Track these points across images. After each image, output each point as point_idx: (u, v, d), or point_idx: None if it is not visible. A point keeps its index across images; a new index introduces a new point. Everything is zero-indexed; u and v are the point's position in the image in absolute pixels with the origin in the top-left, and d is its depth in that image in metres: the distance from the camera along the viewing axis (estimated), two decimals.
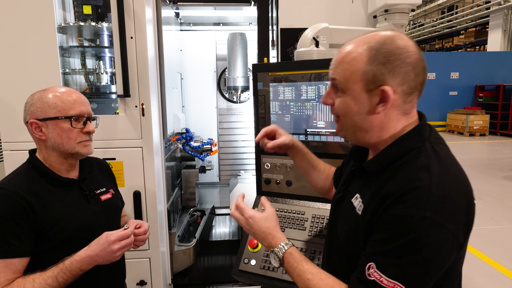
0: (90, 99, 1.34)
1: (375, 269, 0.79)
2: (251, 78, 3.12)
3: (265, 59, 2.23)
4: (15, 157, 1.97)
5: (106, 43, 2.31)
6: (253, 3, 2.70)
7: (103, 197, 1.38)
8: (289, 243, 1.01)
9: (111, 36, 2.16)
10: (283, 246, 0.99)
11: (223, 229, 3.03)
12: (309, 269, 0.93)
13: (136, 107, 2.03)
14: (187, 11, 3.16)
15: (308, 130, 1.85)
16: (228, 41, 3.14)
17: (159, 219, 2.18)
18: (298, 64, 1.89)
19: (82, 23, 2.15)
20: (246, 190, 2.76)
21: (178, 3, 2.77)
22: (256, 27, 2.28)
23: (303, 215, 1.73)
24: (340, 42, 2.04)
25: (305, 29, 2.03)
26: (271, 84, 1.91)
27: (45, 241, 1.18)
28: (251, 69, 2.54)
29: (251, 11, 2.95)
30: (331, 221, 1.10)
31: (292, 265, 0.96)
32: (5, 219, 1.12)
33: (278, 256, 0.99)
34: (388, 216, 0.80)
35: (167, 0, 2.57)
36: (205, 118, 3.55)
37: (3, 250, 1.12)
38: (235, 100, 3.47)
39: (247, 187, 2.82)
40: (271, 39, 2.30)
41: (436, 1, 17.06)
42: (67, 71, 2.24)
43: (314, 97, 1.81)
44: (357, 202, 0.93)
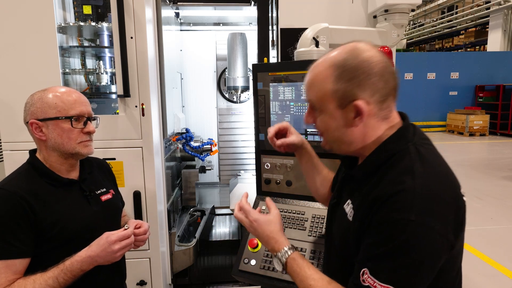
0: (90, 99, 1.34)
1: (369, 274, 0.79)
2: (251, 78, 3.12)
3: (265, 59, 2.23)
4: (15, 157, 1.97)
5: (106, 43, 2.31)
6: (253, 3, 2.70)
7: (104, 198, 1.38)
8: (293, 248, 1.00)
9: (111, 36, 2.16)
10: (287, 251, 0.99)
11: (223, 229, 3.03)
12: (311, 275, 0.93)
13: (136, 107, 2.04)
14: (187, 11, 3.16)
15: (308, 130, 1.85)
16: (228, 41, 3.14)
17: (159, 219, 2.18)
18: (298, 64, 1.89)
19: (82, 23, 2.15)
20: (246, 190, 2.75)
21: (178, 3, 2.77)
22: (256, 27, 2.28)
23: (303, 215, 1.73)
24: (340, 42, 2.03)
25: (305, 29, 2.03)
26: (271, 84, 1.91)
27: (45, 241, 1.18)
28: (251, 69, 2.54)
29: (251, 11, 2.95)
30: (328, 226, 1.11)
31: (295, 270, 0.96)
32: (5, 220, 1.12)
33: (281, 261, 0.99)
34: (375, 221, 0.81)
35: (167, 0, 2.57)
36: (205, 118, 3.55)
37: (4, 251, 1.11)
38: (235, 100, 3.47)
39: (247, 187, 2.82)
40: (271, 39, 2.30)
41: (436, 1, 17.05)
42: (67, 71, 2.24)
43: None
44: (349, 208, 0.94)
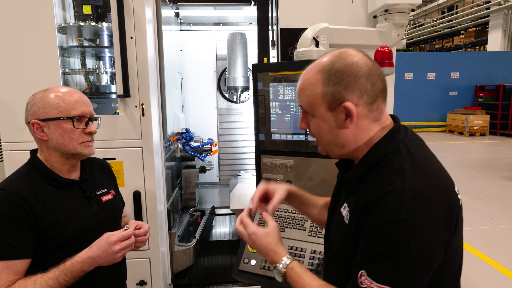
0: (90, 99, 1.34)
1: (366, 276, 0.81)
2: (251, 78, 3.12)
3: (265, 59, 2.23)
4: (15, 157, 1.97)
5: (106, 43, 2.31)
6: (253, 3, 2.70)
7: (104, 198, 1.38)
8: (290, 258, 1.02)
9: (111, 36, 2.16)
10: (285, 261, 1.01)
11: (223, 229, 3.03)
12: (310, 282, 0.94)
13: (136, 107, 2.03)
14: (187, 11, 3.16)
15: (308, 130, 1.85)
16: (228, 41, 3.14)
17: (159, 219, 2.18)
18: (298, 64, 1.89)
19: (82, 23, 2.15)
20: (246, 190, 2.76)
21: (178, 3, 2.77)
22: (256, 27, 2.28)
23: (303, 215, 1.72)
24: (340, 42, 2.04)
25: (305, 29, 2.03)
26: (271, 84, 1.91)
27: (46, 242, 1.18)
28: (251, 69, 2.54)
29: (251, 11, 2.95)
30: (326, 231, 1.12)
31: (294, 279, 0.97)
32: (6, 221, 1.12)
33: (280, 272, 1.00)
34: (368, 223, 0.82)
35: (167, 0, 2.57)
36: (205, 118, 3.55)
37: (4, 251, 1.11)
38: (235, 100, 3.47)
39: (247, 187, 2.82)
40: (271, 39, 2.30)
41: (436, 1, 17.05)
42: (67, 71, 2.24)
43: None
44: (345, 211, 0.96)
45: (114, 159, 2.04)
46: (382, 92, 0.91)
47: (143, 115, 2.04)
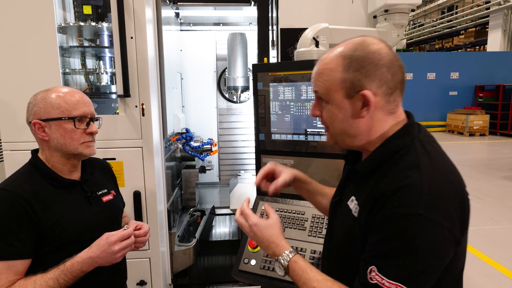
0: (90, 99, 1.34)
1: (376, 272, 0.78)
2: (251, 78, 3.12)
3: (265, 59, 2.23)
4: (15, 157, 1.97)
5: (106, 43, 2.31)
6: (253, 3, 2.70)
7: (105, 199, 1.38)
8: (294, 251, 0.99)
9: (111, 36, 2.16)
10: (288, 254, 0.98)
11: (223, 229, 3.03)
12: (314, 277, 0.92)
13: (136, 107, 2.04)
14: (187, 11, 3.16)
15: (308, 130, 1.86)
16: (228, 41, 3.14)
17: (159, 219, 2.18)
18: (298, 64, 1.90)
19: (82, 23, 2.15)
20: (246, 190, 2.76)
21: (178, 3, 2.77)
22: (256, 27, 2.28)
23: (303, 215, 1.73)
24: (340, 42, 2.04)
25: (305, 29, 2.03)
26: (271, 84, 1.91)
27: (46, 242, 1.18)
28: (251, 69, 2.54)
29: (251, 11, 2.95)
30: (329, 225, 1.10)
31: (297, 273, 0.95)
32: (6, 221, 1.12)
33: (282, 265, 0.98)
34: (381, 216, 0.80)
35: (167, 0, 2.57)
36: (205, 118, 3.55)
37: (5, 251, 1.11)
38: (235, 100, 3.47)
39: (247, 187, 2.82)
40: (271, 39, 2.30)
41: (436, 1, 17.06)
42: (67, 71, 2.24)
43: (314, 97, 1.81)
44: (353, 204, 0.93)
45: (114, 159, 2.04)
46: (401, 84, 0.89)
47: (143, 115, 2.05)
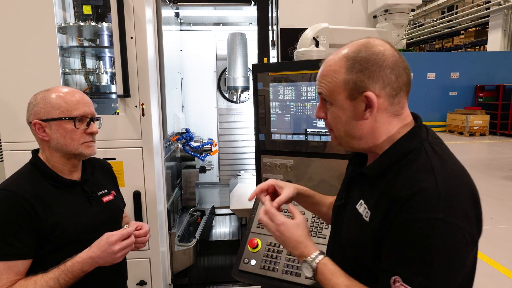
0: (90, 99, 1.34)
1: (402, 282, 0.76)
2: (251, 78, 3.12)
3: (265, 59, 2.23)
4: (15, 157, 1.97)
5: (106, 43, 2.31)
6: (253, 3, 2.70)
7: (105, 199, 1.38)
8: (323, 253, 0.96)
9: (111, 36, 2.16)
10: (317, 255, 0.95)
11: (223, 229, 3.03)
12: (343, 282, 0.89)
13: (136, 107, 2.03)
14: (187, 11, 3.16)
15: (308, 130, 1.86)
16: (228, 41, 3.14)
17: (159, 219, 2.18)
18: (298, 64, 1.90)
19: (82, 23, 2.15)
20: (246, 190, 2.76)
21: (178, 3, 2.77)
22: (256, 27, 2.28)
23: (303, 215, 1.72)
24: (340, 42, 2.04)
25: (305, 29, 2.03)
26: (271, 84, 1.91)
27: (47, 243, 1.18)
28: (251, 69, 2.55)
29: (251, 11, 2.95)
30: (333, 228, 1.08)
31: (326, 276, 0.92)
32: (7, 221, 1.12)
33: (311, 266, 0.94)
34: (399, 223, 0.78)
35: (167, 0, 2.57)
36: (205, 118, 3.55)
37: (6, 252, 1.11)
38: (235, 100, 3.47)
39: (247, 187, 2.82)
40: (271, 39, 2.30)
41: (436, 1, 17.05)
42: (67, 71, 2.23)
43: (314, 97, 1.81)
44: (362, 208, 0.91)
45: (114, 159, 2.04)
46: (406, 85, 0.88)
47: (143, 115, 2.04)
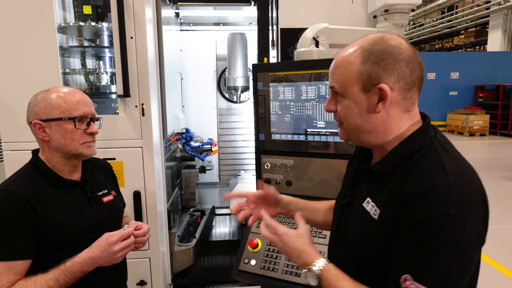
0: (90, 99, 1.34)
1: (412, 281, 0.75)
2: (251, 78, 3.12)
3: (265, 59, 2.23)
4: (15, 157, 1.97)
5: (106, 43, 2.31)
6: (253, 3, 2.70)
7: (105, 199, 1.37)
8: (326, 260, 0.96)
9: (111, 36, 2.16)
10: (320, 263, 0.95)
11: (223, 229, 3.03)
12: (348, 285, 0.89)
13: (136, 107, 2.03)
14: (187, 11, 3.16)
15: (308, 130, 1.86)
16: (228, 41, 3.14)
17: (159, 219, 2.18)
18: (298, 64, 1.89)
19: (82, 23, 2.15)
20: (246, 190, 2.75)
21: (178, 3, 2.77)
22: (256, 27, 2.28)
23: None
24: (340, 42, 2.04)
25: (305, 29, 2.03)
26: (271, 84, 1.91)
27: (47, 243, 1.18)
28: (251, 69, 2.55)
29: (251, 11, 2.95)
30: (337, 227, 1.06)
31: (331, 282, 0.92)
32: (7, 221, 1.12)
33: (316, 273, 0.94)
34: (410, 220, 0.77)
35: (167, 0, 2.57)
36: (205, 118, 3.55)
37: (5, 252, 1.11)
38: (235, 100, 3.47)
39: (247, 187, 2.82)
40: (271, 39, 2.30)
41: (436, 1, 17.05)
42: (67, 71, 2.23)
43: (314, 97, 1.81)
44: (370, 206, 0.90)
45: (114, 159, 2.04)
46: (419, 81, 0.87)
47: (143, 115, 2.04)
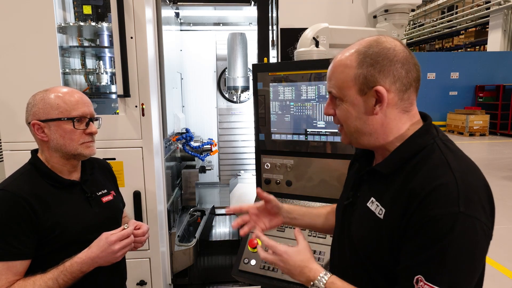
0: (90, 99, 1.34)
1: (425, 281, 0.75)
2: (251, 78, 3.12)
3: (265, 59, 2.23)
4: (15, 157, 1.97)
5: (106, 43, 2.31)
6: (253, 3, 2.70)
7: (105, 199, 1.37)
8: (328, 273, 0.95)
9: (111, 36, 2.16)
10: (323, 276, 0.94)
11: (223, 229, 3.03)
12: None
13: (136, 107, 2.03)
14: (187, 11, 3.16)
15: (308, 130, 1.86)
16: (228, 41, 3.14)
17: (159, 219, 2.18)
18: (298, 64, 1.89)
19: (82, 23, 2.15)
20: (246, 190, 2.76)
21: (178, 3, 2.77)
22: (256, 27, 2.28)
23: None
24: (340, 42, 2.04)
25: (305, 29, 2.03)
26: (271, 84, 1.91)
27: (46, 243, 1.18)
28: (251, 69, 2.54)
29: (251, 11, 2.95)
30: (340, 228, 1.06)
31: None
32: (6, 221, 1.12)
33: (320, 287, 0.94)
34: (419, 219, 0.77)
35: (167, 0, 2.57)
36: (205, 118, 3.55)
37: (5, 252, 1.11)
38: (235, 100, 3.47)
39: (247, 187, 2.82)
40: (271, 39, 2.30)
41: (436, 1, 17.05)
42: (67, 71, 2.23)
43: (314, 97, 1.81)
44: (375, 206, 0.90)
45: (114, 159, 2.04)
46: (415, 81, 0.88)
47: (143, 115, 2.04)
